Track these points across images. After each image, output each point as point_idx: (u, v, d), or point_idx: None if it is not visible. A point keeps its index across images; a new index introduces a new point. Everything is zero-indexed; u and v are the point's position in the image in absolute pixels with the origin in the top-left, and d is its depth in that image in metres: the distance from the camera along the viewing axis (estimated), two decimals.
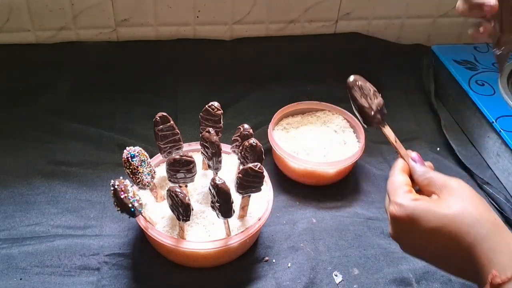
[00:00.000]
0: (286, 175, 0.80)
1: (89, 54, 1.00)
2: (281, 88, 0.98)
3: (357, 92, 0.54)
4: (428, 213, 0.45)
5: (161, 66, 1.01)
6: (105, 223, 0.70)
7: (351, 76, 0.55)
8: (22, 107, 0.89)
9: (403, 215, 0.46)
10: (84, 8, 0.97)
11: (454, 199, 0.45)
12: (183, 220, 0.59)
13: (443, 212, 0.44)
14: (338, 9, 1.07)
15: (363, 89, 0.54)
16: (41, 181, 0.76)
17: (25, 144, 0.82)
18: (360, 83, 0.55)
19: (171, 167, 0.63)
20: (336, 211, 0.75)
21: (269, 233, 0.71)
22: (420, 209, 0.45)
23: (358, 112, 0.55)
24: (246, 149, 0.64)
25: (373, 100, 0.54)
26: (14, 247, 0.65)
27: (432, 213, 0.44)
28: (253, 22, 1.05)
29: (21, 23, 0.96)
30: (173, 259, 0.65)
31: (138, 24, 1.01)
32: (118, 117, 0.89)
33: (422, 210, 0.45)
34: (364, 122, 0.56)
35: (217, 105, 0.69)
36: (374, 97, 0.55)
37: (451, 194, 0.45)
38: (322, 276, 0.65)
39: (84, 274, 0.63)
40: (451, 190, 0.46)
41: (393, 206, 0.47)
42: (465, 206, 0.44)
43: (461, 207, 0.44)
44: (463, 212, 0.43)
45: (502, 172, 0.82)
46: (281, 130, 0.84)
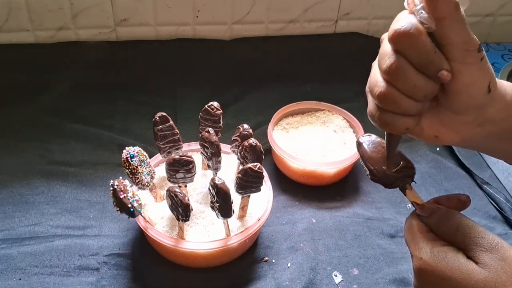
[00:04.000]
0: (285, 175, 0.80)
1: (88, 54, 1.00)
2: (281, 88, 0.98)
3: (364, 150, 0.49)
4: (455, 271, 0.38)
5: (161, 66, 1.01)
6: (104, 223, 0.70)
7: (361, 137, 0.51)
8: (21, 107, 0.89)
9: (427, 269, 0.40)
10: (83, 8, 0.97)
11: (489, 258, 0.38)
12: (182, 220, 0.59)
13: (475, 276, 0.37)
14: (338, 9, 1.06)
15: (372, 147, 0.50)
16: (40, 181, 0.76)
17: (24, 144, 0.82)
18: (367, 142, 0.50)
19: (171, 167, 0.63)
20: (336, 211, 0.75)
21: (268, 233, 0.71)
22: (446, 266, 0.39)
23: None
24: (245, 149, 0.64)
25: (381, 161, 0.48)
26: (13, 247, 0.65)
27: (461, 273, 0.38)
28: (252, 22, 1.05)
29: (20, 23, 0.96)
30: (172, 259, 0.65)
31: (137, 24, 1.01)
32: (118, 117, 0.89)
33: (449, 268, 0.39)
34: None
35: (217, 105, 0.69)
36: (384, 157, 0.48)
37: (487, 252, 0.38)
38: (321, 276, 0.65)
39: (83, 274, 0.63)
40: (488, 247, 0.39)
41: (415, 260, 0.41)
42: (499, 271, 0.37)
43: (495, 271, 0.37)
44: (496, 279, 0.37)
45: (502, 172, 0.82)
46: (280, 130, 0.84)
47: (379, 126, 0.42)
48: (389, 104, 0.39)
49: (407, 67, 0.37)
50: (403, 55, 0.37)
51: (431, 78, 0.37)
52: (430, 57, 0.36)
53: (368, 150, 0.49)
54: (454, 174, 0.83)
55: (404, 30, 0.36)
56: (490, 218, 0.75)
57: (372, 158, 0.49)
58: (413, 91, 0.38)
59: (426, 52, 0.36)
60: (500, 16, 1.13)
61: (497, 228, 0.73)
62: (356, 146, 0.51)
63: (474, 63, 0.37)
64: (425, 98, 0.39)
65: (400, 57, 0.37)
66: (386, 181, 0.48)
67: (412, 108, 0.39)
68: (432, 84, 0.38)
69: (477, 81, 0.38)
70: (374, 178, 0.48)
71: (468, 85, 0.38)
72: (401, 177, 0.47)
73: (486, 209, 0.77)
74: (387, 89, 0.39)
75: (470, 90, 0.38)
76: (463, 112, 0.40)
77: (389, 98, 0.39)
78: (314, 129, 0.83)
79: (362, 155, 0.49)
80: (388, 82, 0.39)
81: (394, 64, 0.37)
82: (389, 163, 0.47)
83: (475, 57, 0.37)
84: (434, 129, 0.42)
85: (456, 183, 0.81)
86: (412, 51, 0.37)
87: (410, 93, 0.38)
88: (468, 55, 0.37)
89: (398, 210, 0.76)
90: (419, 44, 0.36)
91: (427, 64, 0.37)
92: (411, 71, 0.37)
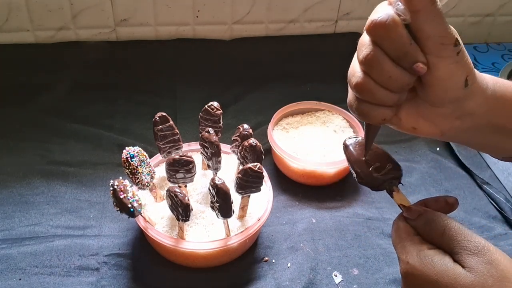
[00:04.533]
0: (285, 175, 0.80)
1: (88, 54, 1.00)
2: (281, 88, 0.98)
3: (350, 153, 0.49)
4: (442, 275, 0.38)
5: (161, 66, 1.01)
6: (104, 223, 0.70)
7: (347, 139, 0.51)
8: (21, 107, 0.89)
9: (414, 273, 0.40)
10: (83, 8, 0.97)
11: (475, 261, 0.38)
12: (182, 220, 0.59)
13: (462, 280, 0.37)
14: (338, 9, 1.06)
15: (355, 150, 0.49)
16: (40, 181, 0.76)
17: (24, 144, 0.82)
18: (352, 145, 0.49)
19: (171, 167, 0.63)
20: (335, 211, 0.75)
21: (268, 233, 0.71)
22: (433, 270, 0.39)
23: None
24: (245, 149, 0.64)
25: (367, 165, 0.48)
26: (13, 247, 0.65)
27: (448, 277, 0.38)
28: (252, 22, 1.05)
29: (20, 23, 0.96)
30: (172, 259, 0.65)
31: (137, 24, 1.01)
32: (118, 117, 0.89)
33: (435, 272, 0.39)
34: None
35: (217, 105, 0.69)
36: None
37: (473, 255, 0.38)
38: (321, 276, 0.65)
39: (83, 274, 0.63)
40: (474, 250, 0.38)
41: (402, 264, 0.41)
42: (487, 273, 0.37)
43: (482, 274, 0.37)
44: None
45: (502, 172, 0.82)
46: (280, 130, 0.84)
47: (357, 116, 0.42)
48: (365, 94, 0.39)
49: (382, 58, 0.37)
50: (379, 46, 0.37)
51: (406, 70, 0.38)
52: (406, 49, 0.37)
53: (354, 152, 0.49)
54: (454, 174, 0.83)
55: (380, 21, 0.36)
56: (490, 218, 0.75)
57: (359, 161, 0.48)
58: (388, 82, 0.38)
59: (401, 43, 0.36)
60: (500, 16, 1.13)
61: (497, 228, 0.73)
62: (342, 149, 0.50)
63: (450, 56, 0.37)
64: (401, 89, 0.39)
65: (376, 48, 0.37)
66: (373, 184, 0.47)
67: (388, 99, 0.39)
68: (408, 76, 0.38)
69: (453, 75, 0.38)
70: (361, 181, 0.48)
71: (444, 79, 0.38)
72: (388, 179, 0.47)
73: (486, 209, 0.77)
74: (363, 80, 0.39)
75: (446, 84, 0.39)
76: (440, 104, 0.40)
77: (365, 89, 0.39)
78: (314, 129, 0.83)
79: (348, 157, 0.49)
80: (365, 72, 0.39)
81: (370, 55, 0.38)
82: (367, 154, 0.47)
83: (451, 50, 0.37)
84: (412, 121, 0.42)
85: (456, 183, 0.81)
86: (388, 42, 0.37)
87: (385, 84, 0.38)
88: (444, 48, 0.37)
89: (398, 210, 0.76)
90: (395, 35, 0.36)
91: (402, 55, 0.37)
92: (387, 62, 0.37)
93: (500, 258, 0.37)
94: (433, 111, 0.41)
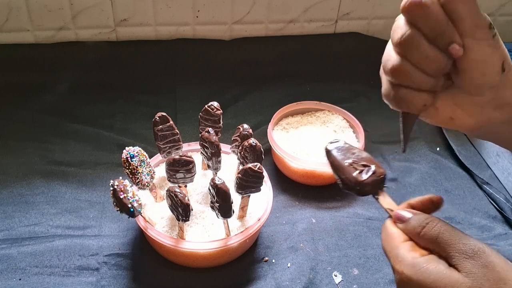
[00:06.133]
0: (285, 175, 0.80)
1: (88, 54, 1.00)
2: (281, 88, 0.98)
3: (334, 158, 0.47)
4: (438, 283, 0.37)
5: (161, 66, 1.01)
6: (104, 223, 0.70)
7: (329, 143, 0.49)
8: (21, 107, 0.89)
9: (409, 283, 0.39)
10: (83, 8, 0.97)
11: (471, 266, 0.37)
12: (182, 220, 0.59)
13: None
14: (338, 9, 1.06)
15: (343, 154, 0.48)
16: (40, 181, 0.76)
17: (24, 144, 0.82)
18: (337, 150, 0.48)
19: (171, 167, 0.63)
20: (335, 211, 0.75)
21: (268, 233, 0.71)
22: (429, 278, 0.38)
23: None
24: (245, 149, 0.64)
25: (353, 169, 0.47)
26: (13, 247, 0.65)
27: (444, 284, 0.37)
28: (252, 22, 1.05)
29: (20, 23, 0.96)
30: (172, 259, 0.65)
31: (137, 24, 1.01)
32: (118, 117, 0.89)
33: (431, 280, 0.38)
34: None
35: (217, 105, 0.69)
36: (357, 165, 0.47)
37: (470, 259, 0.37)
38: (321, 276, 0.65)
39: (83, 274, 0.63)
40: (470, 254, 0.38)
41: (397, 274, 0.40)
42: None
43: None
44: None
45: (502, 172, 0.82)
46: (280, 130, 0.84)
47: (395, 105, 0.41)
48: (402, 77, 0.39)
49: (419, 38, 0.37)
50: (415, 26, 0.37)
51: (442, 51, 0.37)
52: (442, 28, 0.36)
53: (338, 158, 0.47)
54: (454, 174, 0.83)
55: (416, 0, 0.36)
56: (490, 218, 0.75)
57: (343, 167, 0.47)
58: (425, 63, 0.38)
59: (438, 22, 0.36)
60: (500, 16, 1.13)
61: (497, 228, 0.73)
62: (325, 154, 0.49)
63: (485, 39, 0.37)
64: (437, 71, 0.38)
65: (412, 28, 0.37)
66: (358, 190, 0.46)
67: (426, 82, 0.39)
68: (444, 57, 0.38)
69: (489, 58, 0.38)
70: (346, 187, 0.47)
71: (480, 62, 0.38)
72: (373, 184, 0.46)
73: (486, 209, 0.77)
74: (400, 62, 0.39)
75: (482, 68, 0.38)
76: (476, 92, 0.39)
77: (402, 71, 0.39)
78: (314, 129, 0.83)
79: (332, 163, 0.48)
80: (400, 55, 0.39)
81: (406, 34, 0.37)
82: (406, 148, 0.45)
83: (486, 33, 0.37)
84: (450, 110, 0.41)
85: (456, 183, 0.81)
86: (425, 22, 0.37)
87: (422, 66, 0.38)
88: (479, 30, 0.37)
89: None
90: (431, 14, 0.36)
91: (439, 35, 0.37)
92: (423, 42, 0.37)
93: (496, 261, 0.37)
94: (471, 100, 0.40)
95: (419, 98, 0.40)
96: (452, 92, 0.41)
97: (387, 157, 0.86)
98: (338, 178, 0.47)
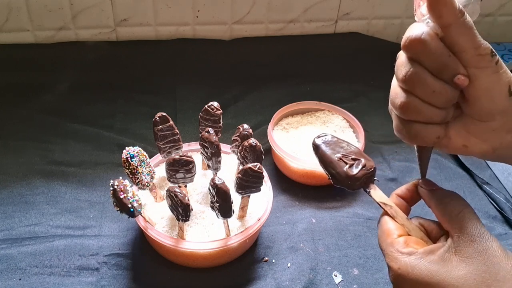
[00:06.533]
0: (285, 175, 0.80)
1: (88, 54, 1.00)
2: (281, 88, 0.98)
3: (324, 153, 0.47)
4: (434, 274, 0.38)
5: (161, 66, 1.01)
6: (104, 223, 0.70)
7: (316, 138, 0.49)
8: (21, 107, 0.89)
9: (405, 279, 0.40)
10: (83, 8, 0.97)
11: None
12: (182, 220, 0.59)
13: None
14: (338, 9, 1.06)
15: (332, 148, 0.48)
16: (40, 181, 0.76)
17: (24, 144, 0.82)
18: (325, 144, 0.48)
19: (171, 167, 0.63)
20: (335, 211, 0.75)
21: (268, 233, 0.71)
22: (424, 270, 0.39)
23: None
24: (245, 149, 0.64)
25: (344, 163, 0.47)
26: (13, 247, 0.65)
27: (440, 275, 0.38)
28: (252, 22, 1.05)
29: (20, 23, 0.96)
30: (172, 259, 0.65)
31: (137, 24, 1.01)
32: (118, 117, 0.89)
33: (426, 273, 0.39)
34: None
35: (217, 105, 0.69)
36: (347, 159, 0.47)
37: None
38: (321, 276, 0.65)
39: (83, 274, 0.63)
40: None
41: (391, 271, 0.41)
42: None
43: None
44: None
45: (502, 172, 0.82)
46: (280, 130, 0.84)
47: (408, 140, 0.41)
48: (412, 113, 0.39)
49: (423, 73, 0.37)
50: (418, 62, 0.37)
51: (448, 83, 0.37)
52: (445, 61, 0.36)
53: (327, 152, 0.47)
54: (454, 174, 0.83)
55: (416, 36, 0.36)
56: (490, 218, 0.75)
57: (333, 162, 0.47)
58: (432, 97, 0.38)
59: (440, 55, 0.36)
60: (500, 16, 1.13)
61: (497, 228, 0.73)
62: (312, 149, 0.48)
63: (489, 66, 0.37)
64: (446, 104, 0.39)
65: (415, 64, 0.37)
66: (349, 184, 0.46)
67: (436, 115, 0.39)
68: (451, 89, 0.38)
69: (495, 85, 0.38)
70: (337, 182, 0.47)
71: (487, 89, 0.38)
72: (363, 177, 0.46)
73: (486, 209, 0.77)
74: (407, 99, 0.39)
75: (490, 94, 0.38)
76: (487, 118, 0.40)
77: (411, 107, 0.39)
78: (314, 129, 0.83)
79: (321, 158, 0.47)
80: (407, 91, 0.39)
81: (410, 72, 0.38)
82: (424, 179, 0.45)
83: (489, 61, 0.37)
84: (462, 139, 0.41)
85: (456, 183, 0.81)
86: (426, 57, 0.37)
87: (430, 100, 0.38)
88: (482, 59, 0.37)
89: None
90: (432, 48, 0.36)
91: (442, 68, 0.37)
92: (428, 77, 0.37)
93: (494, 246, 0.38)
94: (482, 126, 0.40)
95: (431, 131, 0.40)
96: (463, 120, 0.41)
97: (387, 157, 0.86)
98: (328, 173, 0.47)
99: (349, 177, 0.46)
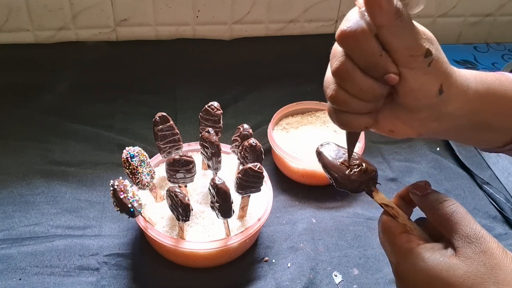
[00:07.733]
0: (285, 175, 0.80)
1: (88, 54, 1.00)
2: (281, 88, 0.98)
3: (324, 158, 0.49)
4: (435, 271, 0.38)
5: (161, 66, 1.01)
6: (104, 223, 0.70)
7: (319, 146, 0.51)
8: (21, 107, 0.89)
9: (407, 275, 0.40)
10: (83, 8, 0.97)
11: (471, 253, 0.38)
12: (182, 220, 0.59)
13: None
14: (338, 9, 1.06)
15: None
16: (40, 181, 0.76)
17: (24, 144, 0.82)
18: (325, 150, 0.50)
19: (171, 167, 0.63)
20: (336, 211, 0.75)
21: (268, 233, 0.71)
22: (426, 267, 0.39)
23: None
24: (245, 149, 0.64)
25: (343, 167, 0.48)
26: (13, 247, 0.65)
27: (440, 272, 0.38)
28: (252, 22, 1.05)
29: (20, 23, 0.96)
30: (172, 259, 0.65)
31: (137, 24, 1.01)
32: (118, 117, 0.89)
33: (427, 269, 0.39)
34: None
35: (217, 105, 0.69)
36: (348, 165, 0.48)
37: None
38: (321, 276, 0.65)
39: (83, 274, 0.63)
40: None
41: (394, 267, 0.42)
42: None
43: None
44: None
45: (502, 172, 0.82)
46: (280, 130, 0.84)
47: (338, 126, 0.42)
48: (340, 105, 0.39)
49: (353, 70, 0.37)
50: (350, 57, 0.37)
51: (378, 81, 0.37)
52: (375, 60, 0.36)
53: (330, 158, 0.49)
54: (454, 174, 0.83)
55: (349, 30, 0.35)
56: (490, 218, 0.75)
57: (335, 166, 0.49)
58: (360, 94, 0.38)
59: (371, 54, 0.36)
60: (500, 16, 1.13)
61: (497, 228, 0.73)
62: (316, 156, 0.50)
63: (420, 68, 0.37)
64: (374, 99, 0.39)
65: (347, 59, 0.37)
66: (352, 187, 0.48)
67: (364, 108, 0.39)
68: (380, 86, 0.37)
69: (424, 86, 0.38)
70: (340, 185, 0.48)
71: (415, 89, 0.38)
72: (365, 180, 0.47)
73: (486, 209, 0.77)
74: (336, 92, 0.38)
75: (417, 94, 0.38)
76: (415, 110, 0.40)
77: (339, 100, 0.39)
78: (314, 129, 0.83)
79: (324, 164, 0.49)
80: (337, 84, 0.38)
81: (340, 67, 0.37)
82: (350, 160, 0.47)
83: (421, 61, 0.36)
84: (390, 124, 0.41)
85: (456, 183, 0.81)
86: (358, 53, 0.36)
87: (358, 96, 0.38)
88: (413, 60, 0.36)
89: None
90: (364, 46, 0.35)
91: (372, 67, 0.36)
92: (358, 74, 0.37)
93: (494, 247, 0.38)
94: (410, 115, 0.40)
95: (359, 121, 0.40)
96: (392, 107, 0.41)
97: (387, 157, 0.86)
98: (331, 177, 0.49)
99: (351, 181, 0.47)
